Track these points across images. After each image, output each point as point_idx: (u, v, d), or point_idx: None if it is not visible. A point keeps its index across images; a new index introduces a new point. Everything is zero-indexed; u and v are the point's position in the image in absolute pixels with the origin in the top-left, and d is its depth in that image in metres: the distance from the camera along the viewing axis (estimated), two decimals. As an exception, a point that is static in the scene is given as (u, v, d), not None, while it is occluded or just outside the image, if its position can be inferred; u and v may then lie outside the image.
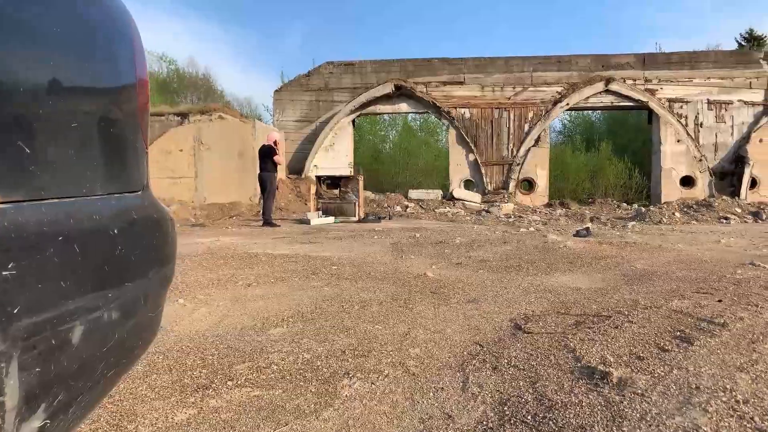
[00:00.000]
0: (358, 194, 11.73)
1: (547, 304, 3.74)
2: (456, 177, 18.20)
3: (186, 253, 6.27)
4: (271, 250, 6.73)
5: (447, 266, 5.42)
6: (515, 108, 18.25)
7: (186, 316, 3.40)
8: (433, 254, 6.26)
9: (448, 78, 18.37)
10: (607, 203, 18.63)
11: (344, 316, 3.33)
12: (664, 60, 18.00)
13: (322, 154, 18.14)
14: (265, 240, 8.08)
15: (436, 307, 3.62)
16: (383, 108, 18.53)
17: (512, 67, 18.40)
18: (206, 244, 7.48)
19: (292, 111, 18.65)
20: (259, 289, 4.20)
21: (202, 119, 15.62)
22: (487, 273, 5.02)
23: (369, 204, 15.99)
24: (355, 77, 18.43)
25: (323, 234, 9.03)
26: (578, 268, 5.30)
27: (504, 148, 18.22)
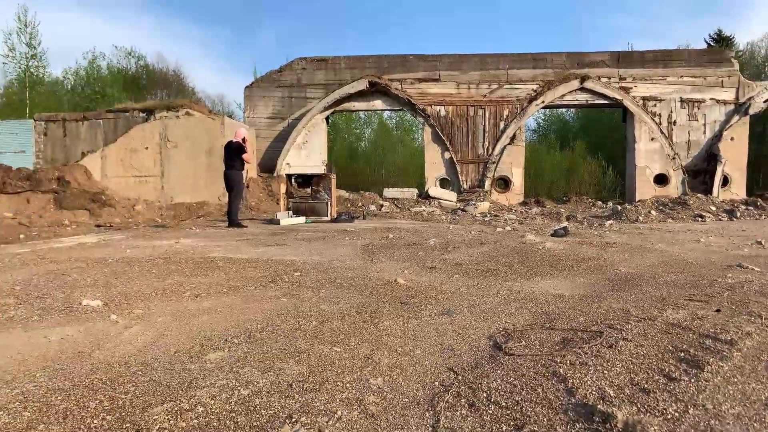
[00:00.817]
0: (331, 193, 11.24)
1: (529, 315, 3.32)
2: (431, 175, 17.82)
3: (138, 258, 5.72)
4: (233, 253, 6.22)
5: (420, 271, 4.98)
6: (491, 106, 17.95)
7: (114, 336, 2.89)
8: (405, 257, 5.83)
9: (423, 75, 17.97)
10: (582, 201, 18.46)
11: (299, 336, 2.86)
12: (639, 58, 17.88)
13: (294, 152, 17.58)
14: (229, 242, 7.54)
15: (406, 321, 3.17)
16: (358, 105, 18.05)
17: (487, 64, 18.09)
18: (164, 247, 6.93)
19: (264, 108, 18.04)
20: (208, 301, 3.70)
21: (168, 115, 14.94)
22: (463, 278, 4.60)
23: (343, 203, 15.50)
24: (328, 73, 17.91)
25: (292, 235, 8.52)
26: (559, 272, 4.92)
27: (480, 146, 17.90)
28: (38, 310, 3.38)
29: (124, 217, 14.13)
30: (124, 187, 14.90)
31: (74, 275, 4.61)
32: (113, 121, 14.96)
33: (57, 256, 6.08)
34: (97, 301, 3.55)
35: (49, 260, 5.68)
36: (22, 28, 20.26)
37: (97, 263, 5.38)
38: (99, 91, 21.05)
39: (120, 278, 4.50)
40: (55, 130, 14.95)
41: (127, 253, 6.24)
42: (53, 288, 4.03)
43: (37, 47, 20.64)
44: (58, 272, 4.80)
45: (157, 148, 14.95)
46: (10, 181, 13.30)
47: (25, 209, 13.15)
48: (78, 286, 4.13)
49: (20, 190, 13.27)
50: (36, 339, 2.84)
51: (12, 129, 14.95)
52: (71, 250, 6.70)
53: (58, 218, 13.20)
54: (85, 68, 22.11)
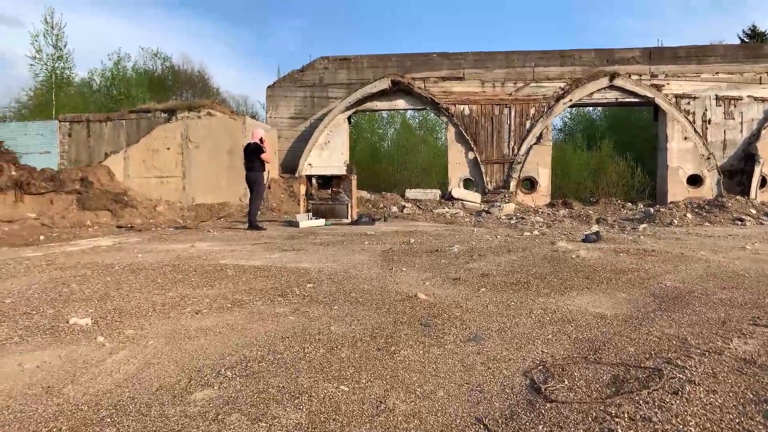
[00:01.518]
0: (351, 194, 10.85)
1: (569, 343, 2.86)
2: (455, 176, 17.31)
3: (146, 265, 5.40)
4: (246, 260, 5.86)
5: (443, 282, 4.54)
6: (516, 104, 17.36)
7: (96, 364, 2.53)
8: (427, 266, 5.39)
9: (447, 73, 17.47)
10: (611, 203, 17.72)
11: (302, 368, 2.46)
12: (671, 54, 17.08)
13: (316, 152, 17.26)
14: (244, 246, 7.20)
15: (427, 349, 2.74)
16: (380, 104, 17.63)
17: (513, 61, 17.50)
18: (177, 252, 6.62)
19: (286, 108, 17.76)
20: (208, 319, 3.33)
21: (190, 116, 14.74)
22: (491, 293, 4.14)
23: (364, 204, 15.11)
24: (350, 73, 17.54)
25: (310, 239, 8.15)
26: (597, 285, 4.43)
27: (505, 146, 17.33)
28: (21, 330, 3.04)
29: (145, 218, 13.98)
30: (146, 188, 14.75)
31: (74, 285, 4.30)
32: (136, 121, 14.82)
33: (66, 261, 5.81)
34: (86, 319, 3.20)
35: (55, 266, 5.40)
36: (49, 30, 20.43)
37: (102, 270, 5.08)
38: (124, 92, 21.09)
39: (121, 289, 4.17)
40: (80, 130, 14.88)
41: (138, 259, 5.94)
42: (45, 301, 3.70)
43: (63, 49, 20.80)
44: (59, 281, 4.50)
45: (178, 148, 14.77)
46: (34, 182, 13.23)
47: (48, 210, 13.07)
48: (73, 299, 3.80)
49: (44, 190, 13.20)
50: (9, 367, 2.49)
51: (38, 130, 14.93)
52: (83, 255, 6.44)
53: (81, 219, 13.09)
54: (110, 69, 22.23)
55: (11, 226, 11.90)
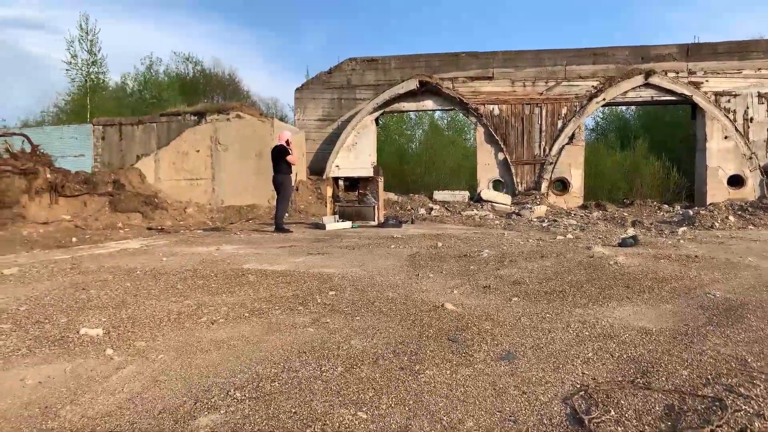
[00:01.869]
0: (378, 197, 10.64)
1: (612, 363, 2.58)
2: (484, 177, 16.95)
3: (168, 269, 5.29)
4: (269, 264, 5.70)
5: (472, 291, 4.28)
6: (548, 104, 16.90)
7: (100, 380, 2.36)
8: (455, 272, 5.13)
9: (476, 73, 17.13)
10: (646, 205, 17.08)
11: (317, 389, 2.24)
12: (710, 50, 16.37)
13: (344, 153, 17.12)
14: (269, 250, 7.06)
15: (454, 369, 2.49)
16: (407, 105, 17.39)
17: (544, 60, 17.04)
18: (202, 255, 6.51)
19: (314, 110, 17.67)
20: (224, 330, 3.15)
21: (219, 118, 14.77)
22: (523, 302, 3.87)
23: (391, 206, 14.89)
24: (378, 74, 17.35)
25: (336, 242, 7.97)
26: (638, 294, 4.10)
27: (536, 146, 16.89)
28: (30, 340, 2.91)
29: (175, 220, 14.04)
30: (176, 190, 14.83)
31: (93, 291, 4.19)
32: (166, 124, 14.93)
33: (91, 264, 5.75)
34: (97, 329, 3.05)
35: (79, 270, 5.33)
36: (84, 36, 20.85)
37: (124, 275, 4.97)
38: (156, 95, 21.37)
39: (138, 296, 4.03)
40: (112, 134, 15.06)
41: (162, 263, 5.84)
42: (60, 309, 3.58)
43: (97, 54, 21.21)
44: (79, 286, 4.40)
45: (208, 150, 14.81)
46: (69, 185, 13.42)
47: (82, 212, 13.24)
48: (89, 306, 3.67)
49: (78, 193, 13.38)
50: (10, 382, 2.35)
51: (72, 133, 15.17)
52: (109, 258, 6.38)
53: (113, 221, 13.22)
54: (143, 74, 22.58)
55: (46, 228, 12.08)
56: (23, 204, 12.45)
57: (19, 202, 12.45)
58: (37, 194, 12.78)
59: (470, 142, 30.51)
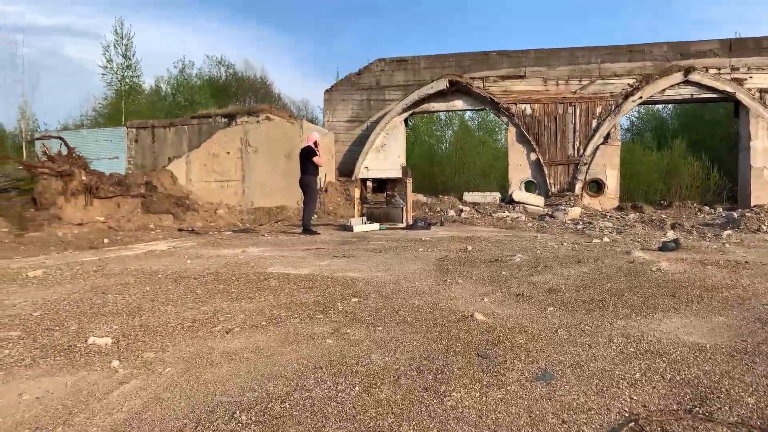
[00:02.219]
0: (406, 198, 10.38)
1: (664, 386, 2.27)
2: (516, 178, 16.51)
3: (191, 273, 5.15)
4: (293, 267, 5.51)
5: (504, 299, 3.99)
6: (582, 102, 16.36)
7: (100, 396, 2.18)
8: (486, 278, 4.84)
9: (507, 72, 16.72)
10: (685, 206, 16.35)
11: (331, 413, 2.01)
12: (755, 45, 15.58)
13: (373, 155, 16.92)
14: (295, 252, 6.89)
15: (485, 391, 2.23)
16: (437, 106, 17.09)
17: (578, 58, 16.52)
18: (226, 258, 6.38)
19: (343, 111, 17.53)
20: (238, 340, 2.95)
21: (249, 120, 14.77)
22: (560, 313, 3.56)
23: (420, 208, 14.61)
24: (407, 74, 17.10)
25: (363, 244, 7.75)
26: (686, 305, 3.75)
27: (569, 147, 16.37)
28: (36, 350, 2.76)
29: (206, 221, 14.08)
30: (207, 192, 14.88)
31: (111, 295, 4.06)
32: (197, 126, 15.00)
33: (116, 266, 5.67)
34: (106, 338, 2.89)
35: (103, 273, 5.24)
36: (119, 41, 21.24)
37: (145, 279, 4.85)
38: (188, 98, 21.64)
39: (156, 301, 3.88)
40: (145, 136, 15.22)
41: (185, 265, 5.72)
42: (74, 315, 3.45)
43: (131, 58, 21.59)
44: (98, 290, 4.28)
45: (238, 152, 14.82)
46: (103, 186, 13.60)
47: (115, 213, 13.39)
48: (102, 312, 3.53)
49: (111, 194, 13.54)
50: (8, 397, 2.19)
51: (107, 136, 15.40)
52: (134, 260, 6.31)
53: (145, 222, 13.31)
54: (175, 77, 22.90)
55: (81, 229, 12.23)
56: (59, 205, 12.65)
57: (55, 203, 12.65)
58: (73, 196, 12.97)
59: (501, 142, 29.96)
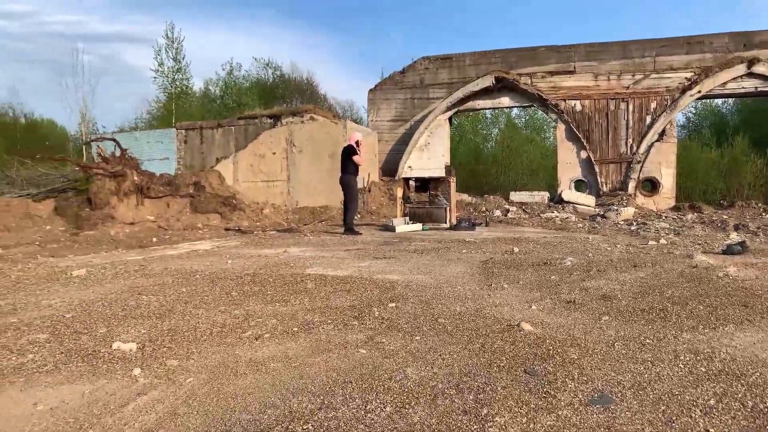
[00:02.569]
0: (450, 198, 10.07)
1: (746, 417, 1.93)
2: (565, 177, 15.88)
3: (229, 273, 5.05)
4: (332, 269, 5.34)
5: (553, 307, 3.67)
6: (635, 98, 15.57)
7: (115, 409, 2.03)
8: (534, 283, 4.51)
9: (555, 67, 16.10)
10: (749, 206, 15.32)
11: (357, 438, 1.78)
12: (828, 33, 14.41)
13: (416, 154, 16.65)
14: (335, 253, 6.73)
15: (532, 416, 1.95)
16: (482, 103, 16.64)
17: (631, 51, 15.73)
18: (268, 258, 6.28)
19: (387, 110, 17.34)
20: (267, 348, 2.77)
21: (293, 121, 14.78)
22: (616, 323, 3.22)
23: (465, 208, 14.24)
24: (452, 72, 16.74)
25: (405, 245, 7.51)
26: (761, 316, 3.33)
27: (622, 144, 15.61)
28: (61, 354, 2.67)
29: (252, 221, 14.18)
30: (253, 191, 14.99)
31: (145, 297, 3.98)
32: (244, 127, 15.14)
33: (158, 266, 5.65)
34: (131, 344, 2.76)
35: (143, 273, 5.21)
36: (170, 44, 21.80)
37: (183, 279, 4.78)
38: (236, 100, 21.99)
39: (189, 303, 3.77)
40: (194, 137, 15.49)
41: (226, 265, 5.64)
42: (104, 317, 3.36)
43: (181, 61, 22.12)
44: (135, 290, 4.23)
45: (283, 153, 14.86)
46: (153, 187, 13.90)
47: (165, 212, 13.66)
48: (133, 315, 3.44)
49: (161, 194, 13.82)
50: (23, 407, 2.07)
51: (158, 138, 15.76)
52: (178, 259, 6.30)
53: (193, 222, 13.52)
54: (224, 79, 23.28)
55: (132, 228, 12.51)
56: (113, 205, 12.99)
57: (109, 203, 13.00)
58: (125, 196, 13.30)
59: (549, 141, 29.09)
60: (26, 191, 13.45)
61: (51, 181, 13.85)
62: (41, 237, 11.02)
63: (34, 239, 10.60)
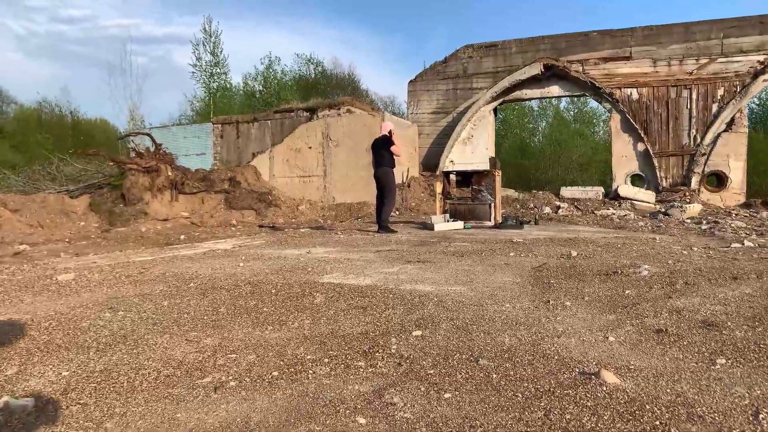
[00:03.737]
0: (495, 193, 8.97)
1: None
2: (620, 171, 14.41)
3: (232, 281, 4.21)
4: (353, 276, 4.41)
5: (639, 338, 2.60)
6: (699, 84, 13.93)
7: None
8: (604, 300, 3.43)
9: (610, 53, 14.62)
10: (830, 202, 13.42)
11: None
12: None
13: (458, 147, 15.52)
14: (363, 254, 5.80)
15: None
16: (530, 93, 15.33)
17: (694, 34, 14.08)
18: (287, 260, 5.42)
19: (428, 102, 16.27)
20: (225, 407, 1.85)
21: (330, 114, 13.95)
22: (740, 369, 2.14)
23: (511, 204, 13.05)
24: (497, 60, 15.50)
25: (442, 246, 6.51)
26: None
27: (684, 135, 14.01)
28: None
29: (288, 217, 13.46)
30: (290, 187, 14.28)
31: (110, 314, 3.16)
32: (280, 121, 14.43)
33: (159, 269, 4.87)
34: (28, 399, 1.90)
35: (136, 279, 4.44)
36: (208, 39, 21.38)
37: (176, 287, 3.96)
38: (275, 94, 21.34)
39: (157, 325, 2.91)
40: (230, 132, 14.90)
41: (236, 270, 4.81)
42: (33, 347, 2.53)
43: (219, 55, 21.65)
44: (107, 304, 3.42)
45: (319, 147, 14.07)
46: (188, 182, 13.38)
47: (199, 209, 13.11)
48: (74, 342, 2.60)
49: (196, 190, 13.29)
50: None
51: (195, 133, 15.26)
52: (187, 261, 5.53)
53: (227, 218, 12.91)
54: (262, 73, 22.65)
55: (164, 225, 11.99)
56: (146, 201, 12.51)
57: (142, 199, 12.53)
58: (159, 191, 12.81)
59: (599, 134, 27.29)
60: (65, 187, 13.18)
61: (91, 177, 13.54)
62: (72, 234, 10.60)
63: (65, 236, 10.15)
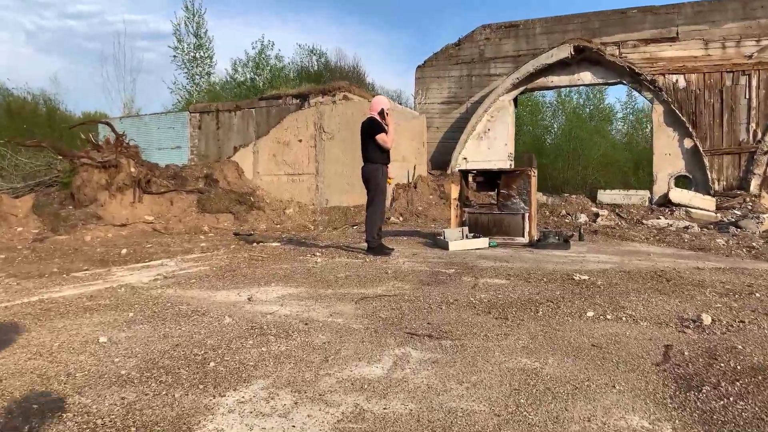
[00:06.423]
0: (530, 200, 6.41)
1: None
2: (663, 172, 11.79)
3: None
4: (299, 392, 1.88)
5: None
6: (761, 70, 11.28)
7: None
8: None
9: (651, 34, 11.99)
10: None
11: None
12: None
13: (473, 143, 12.95)
14: (337, 307, 3.27)
15: None
16: (557, 80, 12.72)
17: (755, 10, 11.42)
18: (200, 323, 2.92)
19: (438, 91, 13.70)
20: None
21: (324, 101, 11.42)
22: None
23: (539, 210, 10.48)
24: (519, 42, 12.90)
25: (467, 285, 3.95)
26: None
27: (741, 130, 11.38)
28: None
29: (272, 222, 10.96)
30: (276, 187, 11.78)
31: None
32: (266, 109, 11.93)
33: None
34: None
35: None
36: (190, 18, 18.91)
37: None
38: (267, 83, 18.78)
39: None
40: (209, 122, 12.42)
41: (57, 370, 2.31)
42: None
43: (203, 37, 19.16)
44: None
45: (311, 140, 11.55)
46: (156, 180, 10.91)
47: (167, 212, 10.63)
48: None
49: (164, 190, 10.82)
50: None
51: (170, 122, 12.78)
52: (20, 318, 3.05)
53: (198, 223, 10.42)
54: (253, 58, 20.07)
55: (119, 232, 9.49)
56: (102, 202, 10.02)
57: (96, 199, 10.03)
58: (119, 191, 10.30)
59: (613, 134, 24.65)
60: (12, 185, 10.77)
61: (42, 173, 11.10)
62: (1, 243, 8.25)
63: (-13, 246, 7.69)
